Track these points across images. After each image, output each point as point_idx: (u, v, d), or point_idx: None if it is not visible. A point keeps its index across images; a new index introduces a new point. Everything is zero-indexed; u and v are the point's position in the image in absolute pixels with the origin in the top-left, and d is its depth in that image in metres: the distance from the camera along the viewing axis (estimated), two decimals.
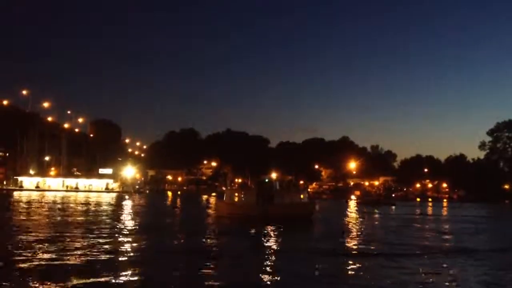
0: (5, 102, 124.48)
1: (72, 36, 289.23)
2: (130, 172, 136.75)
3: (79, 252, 20.79)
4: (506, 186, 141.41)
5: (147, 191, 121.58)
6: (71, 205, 60.70)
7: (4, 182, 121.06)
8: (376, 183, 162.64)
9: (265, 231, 32.89)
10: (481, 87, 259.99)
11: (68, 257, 19.50)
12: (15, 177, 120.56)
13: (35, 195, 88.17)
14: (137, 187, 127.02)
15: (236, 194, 45.64)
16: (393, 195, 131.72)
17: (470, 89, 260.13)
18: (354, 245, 27.28)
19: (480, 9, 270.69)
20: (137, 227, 33.55)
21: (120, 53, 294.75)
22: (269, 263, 20.51)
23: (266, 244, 26.74)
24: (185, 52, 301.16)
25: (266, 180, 50.54)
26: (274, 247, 25.95)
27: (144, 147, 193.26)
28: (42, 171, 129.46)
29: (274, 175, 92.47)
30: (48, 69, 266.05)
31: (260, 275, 17.63)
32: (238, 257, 21.83)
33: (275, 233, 32.70)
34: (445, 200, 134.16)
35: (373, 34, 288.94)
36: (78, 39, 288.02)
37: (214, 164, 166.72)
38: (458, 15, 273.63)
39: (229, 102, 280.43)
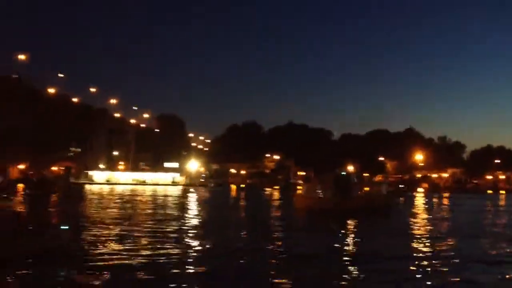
0: (75, 100, 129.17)
1: (137, 33, 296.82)
2: (194, 166, 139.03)
3: (147, 246, 20.87)
4: None
5: (212, 185, 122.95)
6: (140, 197, 62.26)
7: (76, 177, 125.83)
8: (445, 175, 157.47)
9: (343, 227, 31.06)
10: None
11: (136, 250, 19.64)
12: (86, 172, 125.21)
13: (105, 188, 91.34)
14: (201, 180, 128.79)
15: (313, 188, 44.96)
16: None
17: None
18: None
19: None
20: (204, 221, 33.61)
21: (184, 47, 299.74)
22: (349, 270, 17.28)
23: (344, 244, 23.84)
24: (248, 45, 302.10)
25: (343, 173, 49.39)
26: (353, 249, 22.90)
27: (208, 141, 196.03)
28: (111, 166, 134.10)
29: (351, 168, 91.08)
30: (113, 66, 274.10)
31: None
32: (309, 258, 19.28)
33: (354, 229, 31.02)
34: None
35: (440, 20, 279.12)
36: (143, 36, 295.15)
37: (276, 157, 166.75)
38: None
39: (292, 94, 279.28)
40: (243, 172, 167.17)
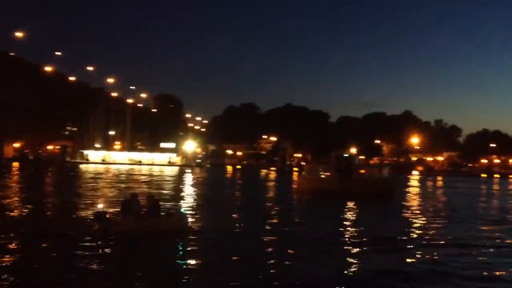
0: (72, 79, 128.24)
1: (132, 12, 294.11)
2: (191, 146, 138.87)
3: None
4: None
5: (208, 165, 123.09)
6: (136, 177, 62.32)
7: (72, 156, 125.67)
8: (440, 158, 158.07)
9: (345, 210, 30.68)
10: None
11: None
12: (81, 151, 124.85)
13: (100, 167, 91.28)
14: (198, 161, 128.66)
15: (315, 169, 44.80)
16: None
17: None
18: None
19: None
20: (200, 201, 33.58)
21: (183, 29, 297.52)
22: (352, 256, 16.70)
23: (347, 230, 22.79)
24: (248, 25, 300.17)
25: (346, 155, 49.07)
26: (357, 234, 21.15)
27: (205, 121, 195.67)
28: (108, 145, 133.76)
29: (353, 150, 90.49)
30: (111, 46, 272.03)
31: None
32: (314, 244, 18.31)
33: (356, 212, 30.34)
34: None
35: (436, 6, 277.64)
36: (140, 16, 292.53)
37: (273, 138, 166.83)
38: None
39: (290, 76, 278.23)
40: (239, 153, 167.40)
